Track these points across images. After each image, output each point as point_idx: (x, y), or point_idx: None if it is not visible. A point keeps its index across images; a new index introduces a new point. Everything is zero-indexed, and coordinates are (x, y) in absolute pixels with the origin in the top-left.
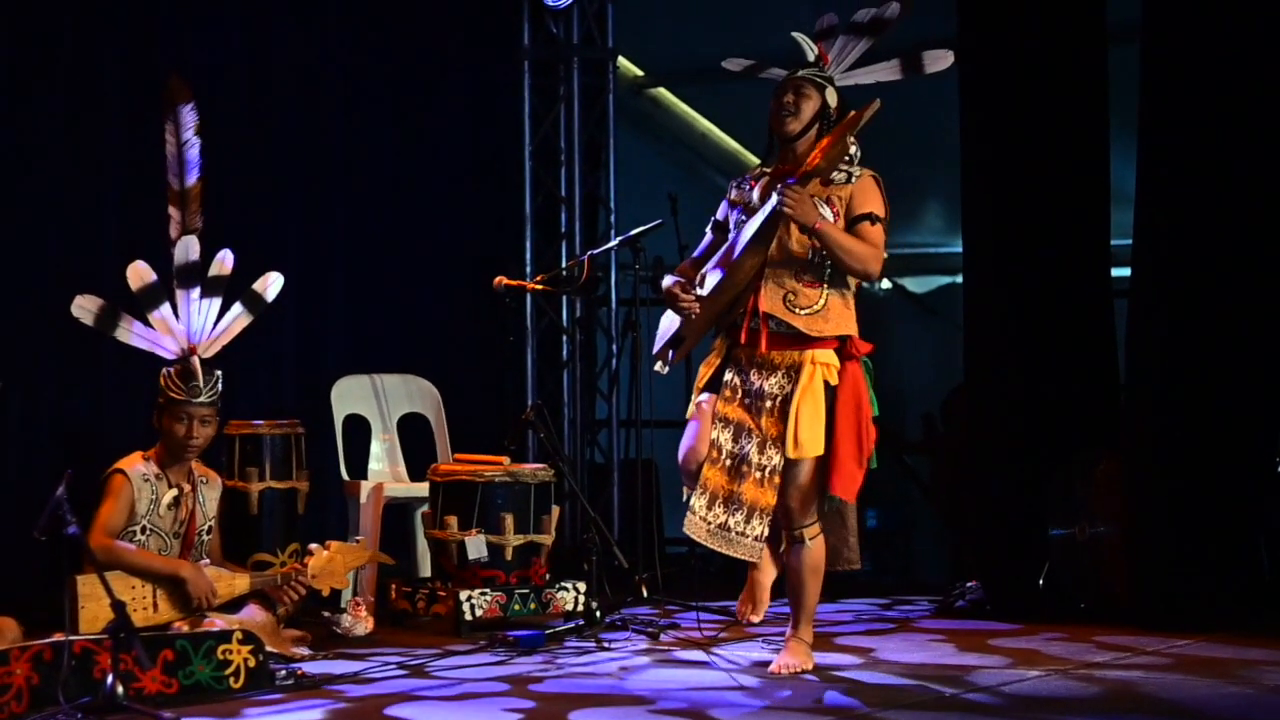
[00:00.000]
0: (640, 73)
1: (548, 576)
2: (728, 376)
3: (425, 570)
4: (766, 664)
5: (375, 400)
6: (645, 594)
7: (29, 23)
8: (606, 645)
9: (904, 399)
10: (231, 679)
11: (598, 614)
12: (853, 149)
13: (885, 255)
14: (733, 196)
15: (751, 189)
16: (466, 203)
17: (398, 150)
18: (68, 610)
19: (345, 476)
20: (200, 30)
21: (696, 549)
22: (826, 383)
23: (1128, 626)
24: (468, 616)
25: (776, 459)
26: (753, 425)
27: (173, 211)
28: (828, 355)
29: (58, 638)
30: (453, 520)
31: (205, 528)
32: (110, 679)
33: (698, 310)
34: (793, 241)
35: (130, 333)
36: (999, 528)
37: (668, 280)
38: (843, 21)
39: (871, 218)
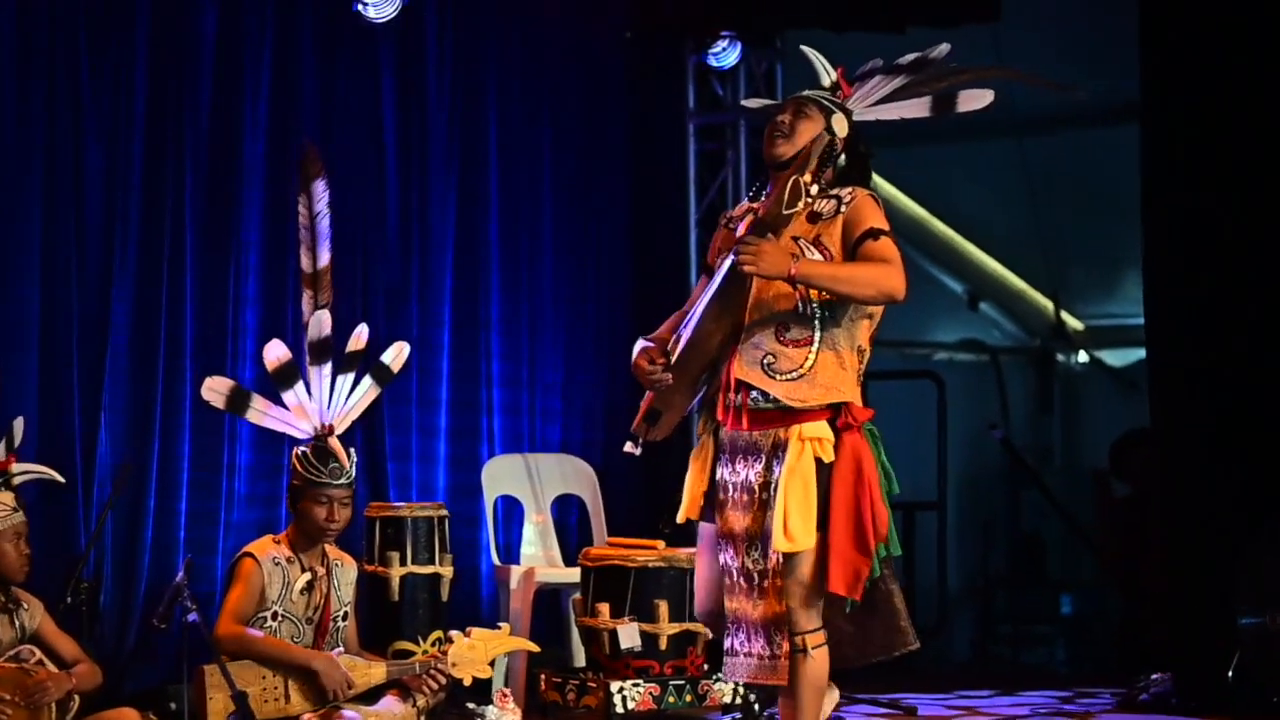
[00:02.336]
0: None
1: (705, 667)
2: (720, 475)
3: (579, 660)
4: None
5: (529, 481)
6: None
7: (161, 90)
8: None
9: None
10: None
11: (756, 707)
12: (813, 188)
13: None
14: (720, 238)
15: (738, 228)
16: (625, 276)
17: (553, 221)
18: (189, 701)
19: (496, 560)
20: (340, 97)
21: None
22: (819, 459)
23: None
24: (619, 709)
25: (774, 558)
26: (747, 526)
27: (305, 287)
28: (818, 428)
29: None
30: (604, 608)
31: (340, 614)
32: None
33: (669, 381)
34: (770, 294)
35: (262, 414)
36: (1184, 611)
37: (637, 347)
38: (886, 64)
39: (873, 232)
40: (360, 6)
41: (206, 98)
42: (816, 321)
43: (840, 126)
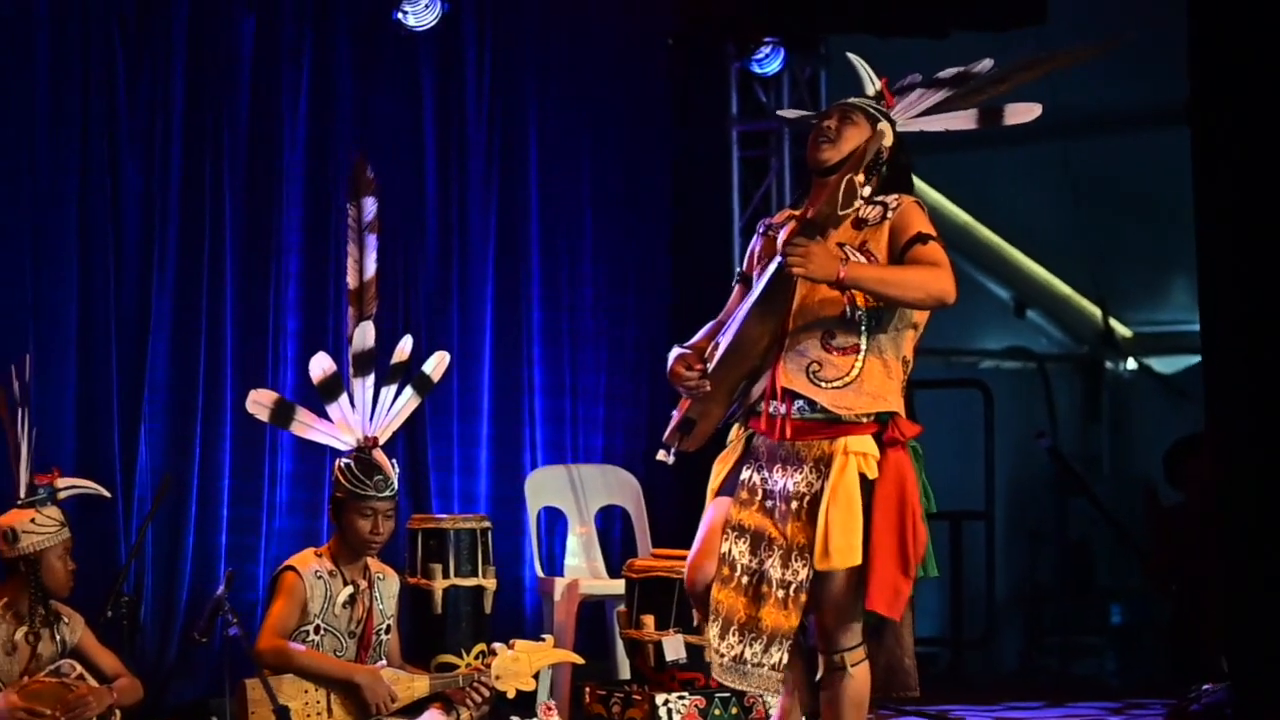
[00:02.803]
0: None
1: None
2: (745, 475)
3: (624, 672)
4: None
5: (572, 492)
6: None
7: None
8: None
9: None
10: None
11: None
12: (865, 189)
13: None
14: (759, 245)
15: (778, 234)
16: (667, 284)
17: (594, 229)
18: (231, 716)
19: (539, 573)
20: (379, 107)
21: None
22: (863, 475)
23: None
24: None
25: (804, 573)
26: (775, 533)
27: (351, 299)
28: (864, 443)
29: None
30: (649, 619)
31: (383, 626)
32: None
33: (707, 388)
34: (817, 299)
35: (307, 426)
36: (1239, 622)
37: (673, 354)
38: (927, 78)
39: (921, 237)
40: (400, 15)
41: (245, 107)
42: (863, 328)
43: (887, 137)
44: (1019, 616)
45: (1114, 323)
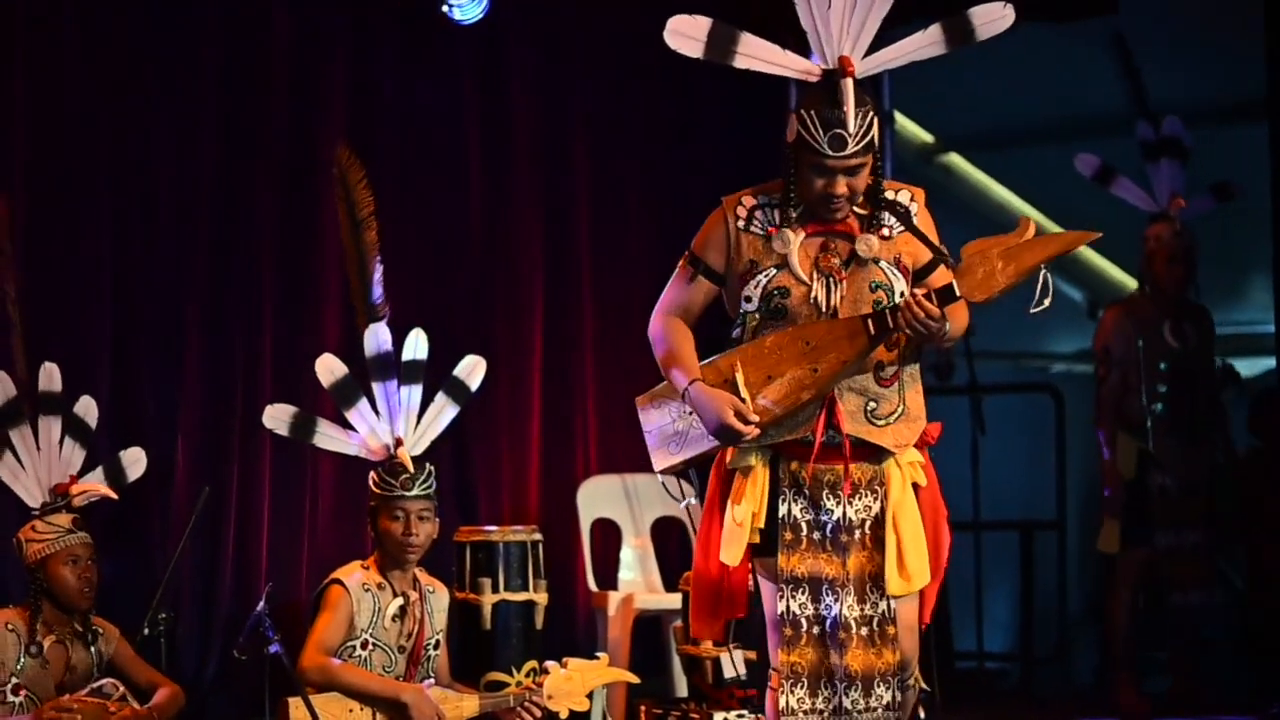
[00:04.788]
0: (930, 138)
1: None
2: (784, 511)
3: (681, 689)
4: None
5: (626, 503)
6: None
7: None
8: None
9: None
10: None
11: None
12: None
13: None
14: (744, 248)
15: (779, 241)
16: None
17: (642, 232)
18: None
19: (593, 587)
20: (421, 101)
21: None
22: (915, 485)
23: None
24: None
25: (884, 604)
26: (834, 570)
27: (355, 301)
28: (912, 452)
29: None
30: None
31: (433, 641)
32: None
33: (756, 434)
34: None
35: (331, 438)
36: None
37: (720, 404)
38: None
39: (944, 256)
40: (446, 7)
41: (282, 101)
42: (899, 353)
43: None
44: (1092, 631)
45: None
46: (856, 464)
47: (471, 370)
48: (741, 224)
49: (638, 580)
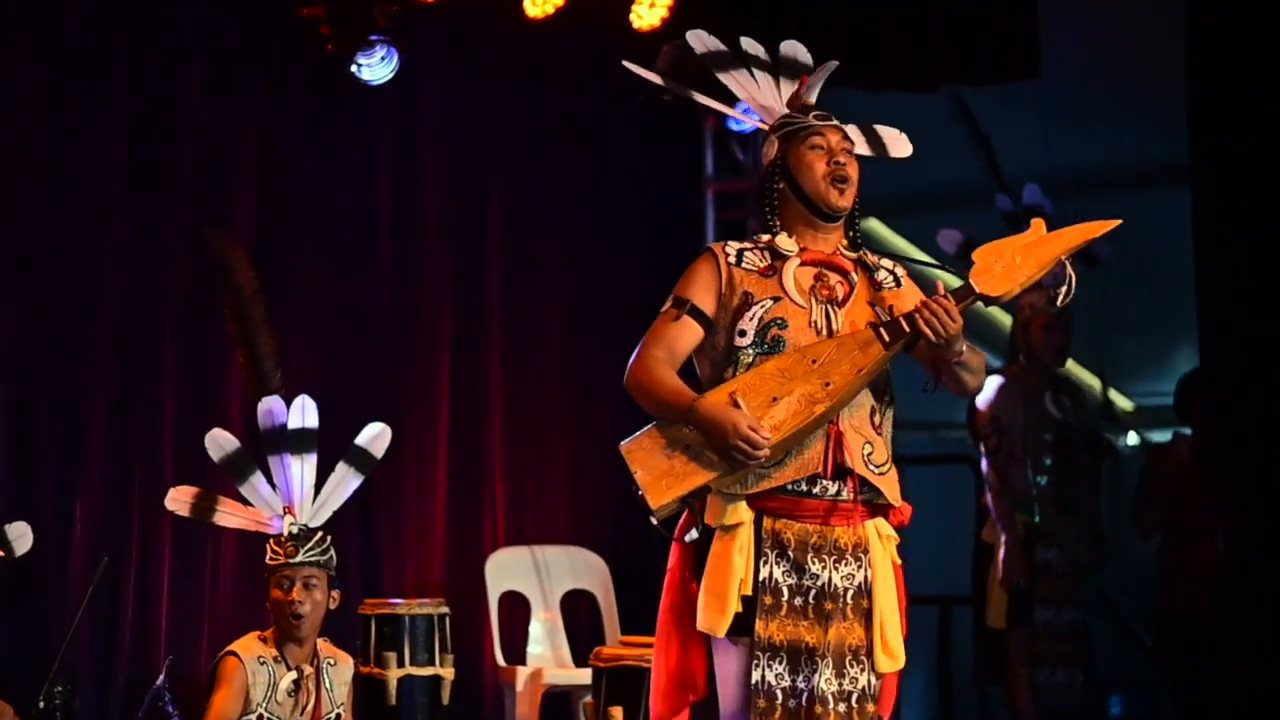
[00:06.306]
0: None
1: None
2: (764, 574)
3: None
4: None
5: (536, 575)
6: None
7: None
8: None
9: None
10: None
11: None
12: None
13: None
14: (737, 282)
15: (770, 272)
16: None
17: (562, 291)
18: None
19: (500, 661)
20: (332, 166)
21: None
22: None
23: None
24: None
25: (864, 678)
26: (814, 638)
27: (246, 374)
28: (886, 525)
29: None
30: (618, 712)
31: (332, 715)
32: None
33: (768, 454)
34: (879, 369)
35: (229, 515)
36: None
37: (733, 414)
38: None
39: (950, 270)
40: (355, 68)
41: (189, 166)
42: (886, 401)
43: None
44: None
45: (1114, 394)
46: (842, 528)
47: (375, 438)
48: (733, 259)
49: (546, 654)
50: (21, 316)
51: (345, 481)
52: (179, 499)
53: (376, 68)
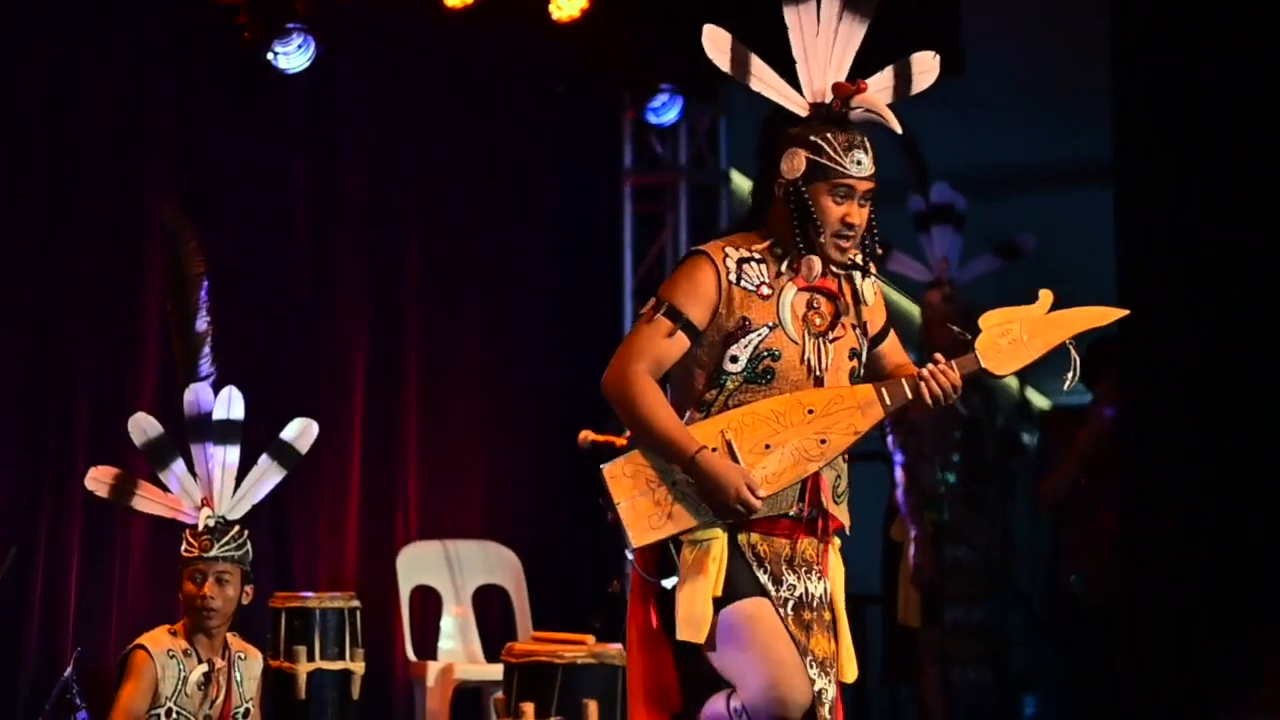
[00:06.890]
0: None
1: None
2: (764, 578)
3: None
4: None
5: (448, 570)
6: None
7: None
8: None
9: None
10: None
11: None
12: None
13: None
14: (736, 303)
15: (770, 295)
16: (557, 346)
17: (479, 284)
18: None
19: (411, 656)
20: (248, 154)
21: None
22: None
23: None
24: None
25: (832, 689)
26: (828, 649)
27: (179, 359)
28: (836, 539)
29: None
30: (529, 708)
31: (241, 710)
32: None
33: (759, 508)
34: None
35: (146, 500)
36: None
37: (735, 476)
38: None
39: (890, 324)
40: (271, 56)
41: (106, 155)
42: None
43: None
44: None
45: (1031, 393)
46: (806, 540)
47: (301, 433)
48: (733, 276)
49: (458, 650)
50: None
51: (267, 475)
52: (99, 479)
53: (293, 55)
